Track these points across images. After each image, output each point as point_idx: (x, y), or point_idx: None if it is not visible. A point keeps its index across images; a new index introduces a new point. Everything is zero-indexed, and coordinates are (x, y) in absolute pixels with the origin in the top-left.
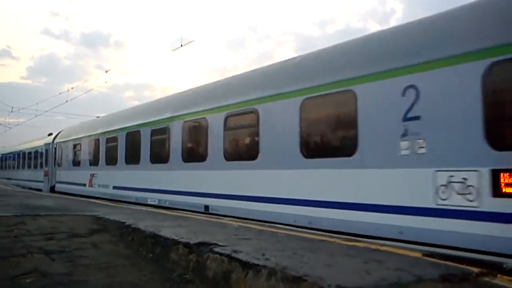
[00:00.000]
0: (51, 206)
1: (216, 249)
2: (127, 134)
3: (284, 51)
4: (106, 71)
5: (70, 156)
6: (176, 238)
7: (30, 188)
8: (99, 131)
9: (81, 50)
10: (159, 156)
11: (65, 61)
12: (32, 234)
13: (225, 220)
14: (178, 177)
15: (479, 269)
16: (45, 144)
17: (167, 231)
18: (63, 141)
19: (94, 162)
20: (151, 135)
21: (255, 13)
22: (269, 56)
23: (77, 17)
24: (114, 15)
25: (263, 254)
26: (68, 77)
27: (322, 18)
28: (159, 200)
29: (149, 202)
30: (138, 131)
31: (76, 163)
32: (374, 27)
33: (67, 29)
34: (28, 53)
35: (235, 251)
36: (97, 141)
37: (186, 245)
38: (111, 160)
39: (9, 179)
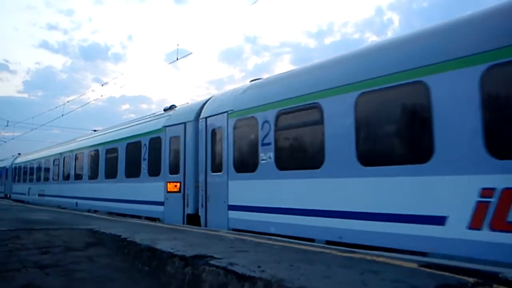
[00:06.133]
0: (47, 220)
1: (212, 262)
2: None
3: (280, 63)
4: (102, 85)
5: None
6: (172, 251)
7: None
8: None
9: (79, 64)
10: None
11: (62, 74)
12: (27, 248)
13: (222, 233)
14: None
15: (475, 279)
16: None
17: (163, 244)
18: None
19: None
20: None
21: (253, 24)
22: (266, 69)
23: (75, 30)
24: (113, 28)
25: (259, 266)
26: (65, 91)
27: (320, 29)
28: None
29: None
30: None
31: None
32: (371, 38)
33: (66, 42)
34: (24, 67)
35: (231, 264)
36: None
37: (182, 258)
38: None
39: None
